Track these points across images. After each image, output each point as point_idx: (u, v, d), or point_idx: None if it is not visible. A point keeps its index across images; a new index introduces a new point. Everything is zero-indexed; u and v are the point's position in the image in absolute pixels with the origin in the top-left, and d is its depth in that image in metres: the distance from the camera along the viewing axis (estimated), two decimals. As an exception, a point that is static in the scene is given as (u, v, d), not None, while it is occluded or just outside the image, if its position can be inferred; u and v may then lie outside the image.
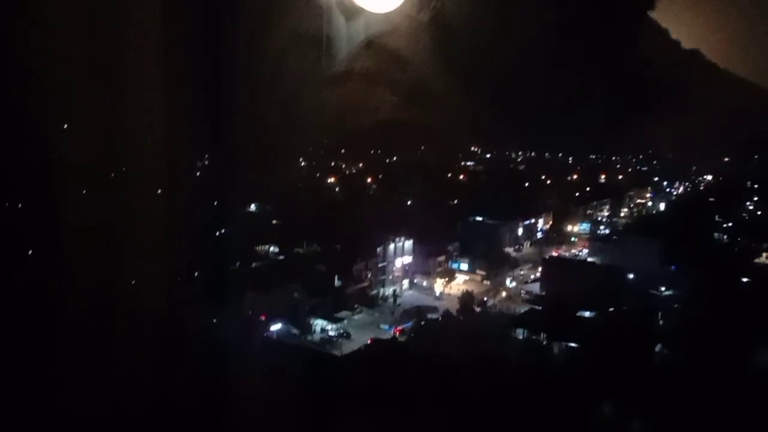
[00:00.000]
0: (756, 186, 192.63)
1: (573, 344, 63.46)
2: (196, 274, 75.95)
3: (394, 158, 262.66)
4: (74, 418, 35.40)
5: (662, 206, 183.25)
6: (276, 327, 70.62)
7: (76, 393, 38.00)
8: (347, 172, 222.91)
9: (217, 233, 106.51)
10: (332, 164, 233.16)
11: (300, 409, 36.87)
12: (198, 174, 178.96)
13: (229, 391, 39.43)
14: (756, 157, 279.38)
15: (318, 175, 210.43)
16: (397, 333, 72.17)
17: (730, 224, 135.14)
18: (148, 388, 38.10)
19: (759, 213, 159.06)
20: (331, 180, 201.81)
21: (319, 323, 73.94)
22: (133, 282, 61.38)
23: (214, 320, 61.09)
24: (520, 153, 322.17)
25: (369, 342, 66.83)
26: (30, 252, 73.64)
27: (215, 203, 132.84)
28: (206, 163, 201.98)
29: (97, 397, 37.25)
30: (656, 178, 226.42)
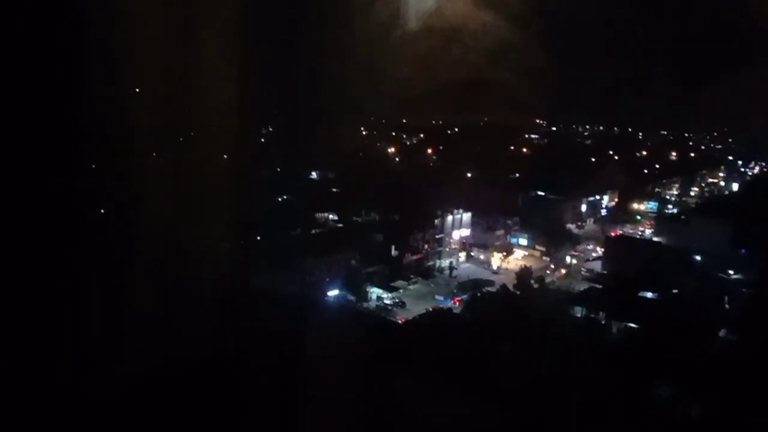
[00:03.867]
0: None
1: (633, 324, 62.10)
2: (258, 237, 78.01)
3: (456, 129, 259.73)
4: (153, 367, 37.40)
5: (735, 187, 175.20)
6: (333, 293, 72.03)
7: (153, 342, 40.05)
8: (408, 142, 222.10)
9: (280, 199, 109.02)
10: (393, 134, 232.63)
11: (360, 371, 37.71)
12: (263, 141, 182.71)
13: (291, 349, 40.65)
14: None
15: (379, 144, 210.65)
16: (457, 303, 72.30)
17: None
18: (214, 345, 39.74)
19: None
20: (392, 150, 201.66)
21: (375, 291, 74.93)
22: (198, 242, 63.62)
23: (274, 282, 62.74)
24: (587, 127, 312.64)
25: (426, 311, 67.44)
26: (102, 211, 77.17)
27: (278, 170, 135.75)
28: (270, 130, 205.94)
29: (166, 356, 39.12)
30: (731, 157, 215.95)
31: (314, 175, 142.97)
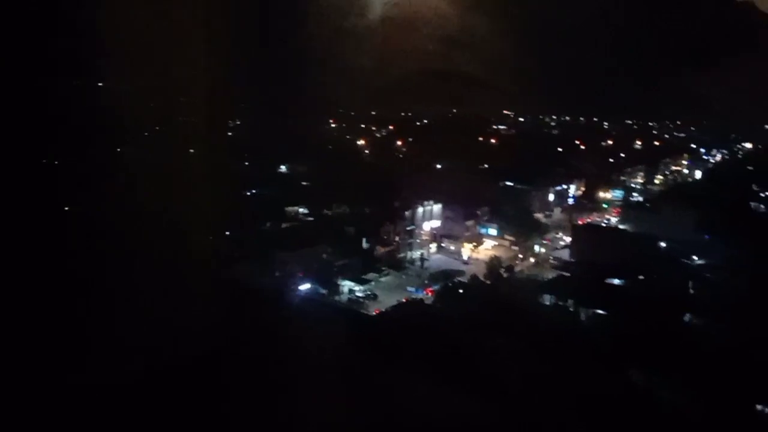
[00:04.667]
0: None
1: (601, 312, 63.16)
2: (227, 232, 77.18)
3: (425, 121, 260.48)
4: (121, 364, 36.91)
5: (698, 174, 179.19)
6: (304, 287, 71.67)
7: (123, 339, 39.56)
8: (377, 134, 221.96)
9: (249, 193, 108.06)
10: (363, 126, 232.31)
11: (330, 364, 37.64)
12: (231, 134, 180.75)
13: (258, 345, 40.40)
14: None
15: (348, 137, 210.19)
16: (429, 293, 72.64)
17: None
18: (182, 339, 39.26)
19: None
20: (362, 142, 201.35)
21: (346, 284, 74.79)
22: (165, 237, 62.81)
23: (244, 277, 62.23)
24: (553, 117, 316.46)
25: (398, 303, 67.57)
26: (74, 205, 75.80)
27: (247, 163, 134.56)
28: (239, 123, 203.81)
29: (136, 345, 38.66)
30: (693, 145, 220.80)
31: (284, 168, 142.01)
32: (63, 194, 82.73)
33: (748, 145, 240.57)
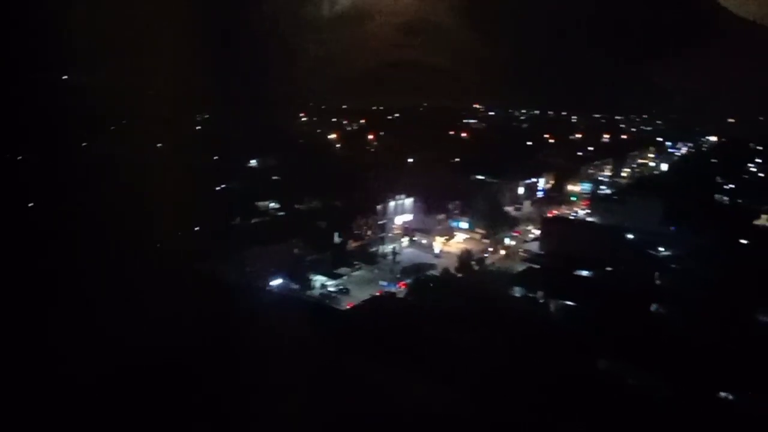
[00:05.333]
0: (759, 147, 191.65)
1: (570, 302, 64.03)
2: (197, 228, 76.15)
3: (396, 115, 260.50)
4: (90, 360, 36.24)
5: (664, 167, 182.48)
6: (276, 282, 71.17)
7: (92, 336, 38.90)
8: (348, 128, 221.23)
9: (218, 188, 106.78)
10: (333, 120, 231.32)
11: (301, 359, 37.48)
12: (199, 128, 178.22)
13: (230, 341, 40.01)
14: (761, 118, 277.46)
15: (319, 131, 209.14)
16: (402, 287, 72.78)
17: (732, 186, 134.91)
18: (147, 338, 38.68)
19: (761, 175, 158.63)
20: (333, 136, 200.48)
21: (318, 279, 74.49)
22: (133, 232, 61.81)
23: (214, 273, 61.50)
24: (523, 111, 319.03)
25: (370, 297, 67.53)
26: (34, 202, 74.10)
27: (216, 158, 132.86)
28: (206, 117, 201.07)
29: (105, 342, 38.04)
30: (660, 139, 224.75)
31: (254, 162, 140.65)
32: (26, 191, 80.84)
33: (713, 138, 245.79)
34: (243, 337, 40.53)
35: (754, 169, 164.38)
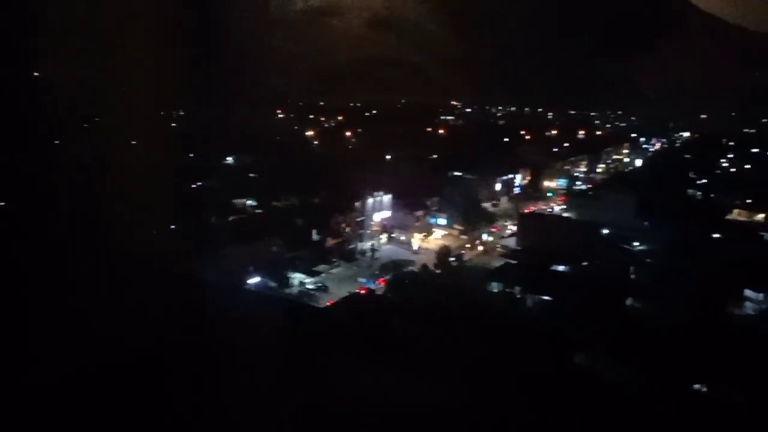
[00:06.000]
0: (731, 143, 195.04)
1: (546, 297, 64.63)
2: (172, 226, 75.28)
3: (374, 112, 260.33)
4: (64, 360, 35.75)
5: (639, 162, 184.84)
6: (254, 280, 70.71)
7: (65, 336, 38.36)
8: (326, 124, 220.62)
9: (194, 186, 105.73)
10: (311, 117, 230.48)
11: (279, 357, 37.31)
12: (175, 126, 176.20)
13: (208, 340, 39.68)
14: (733, 114, 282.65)
15: (296, 128, 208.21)
16: (381, 283, 72.81)
17: (705, 181, 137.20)
18: (123, 338, 38.24)
19: (733, 170, 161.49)
20: (310, 133, 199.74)
21: (297, 276, 74.17)
22: (108, 231, 60.96)
23: (191, 272, 60.90)
24: (500, 108, 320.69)
25: (349, 294, 67.47)
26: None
27: (192, 155, 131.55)
28: (182, 113, 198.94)
29: (79, 342, 37.55)
30: (634, 135, 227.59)
31: (230, 160, 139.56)
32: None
33: (686, 134, 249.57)
34: (220, 336, 40.21)
35: (726, 165, 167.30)
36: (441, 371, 38.78)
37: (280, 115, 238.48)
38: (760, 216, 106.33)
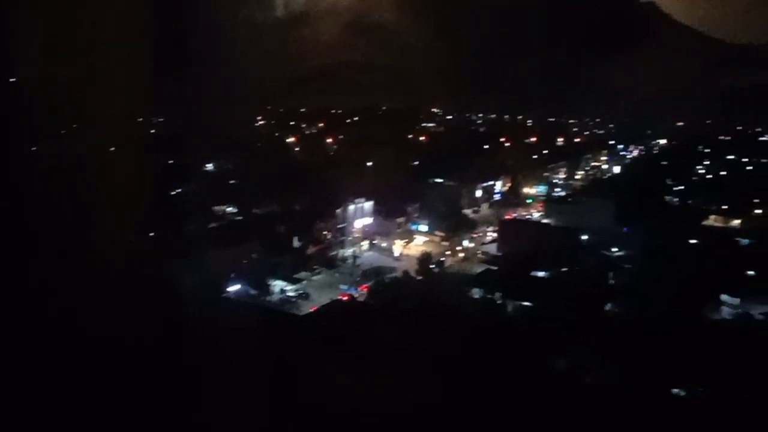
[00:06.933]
0: (707, 150, 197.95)
1: (527, 303, 65.03)
2: (151, 233, 74.51)
3: (355, 118, 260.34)
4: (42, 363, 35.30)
5: (617, 169, 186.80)
6: (234, 288, 70.21)
7: (36, 343, 37.82)
8: (307, 131, 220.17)
9: (173, 192, 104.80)
10: (292, 123, 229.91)
11: (257, 366, 37.07)
12: (153, 131, 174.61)
13: (186, 348, 39.29)
14: (708, 121, 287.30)
15: (277, 134, 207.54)
16: (364, 290, 72.76)
17: (681, 187, 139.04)
18: (97, 347, 37.76)
19: (709, 177, 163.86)
20: (291, 140, 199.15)
21: (278, 284, 73.81)
22: (86, 238, 60.16)
23: (170, 279, 60.28)
24: (480, 115, 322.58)
25: (330, 301, 67.33)
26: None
27: (171, 161, 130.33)
28: (161, 120, 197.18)
29: (52, 349, 37.04)
30: (612, 142, 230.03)
31: (210, 166, 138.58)
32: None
33: (663, 141, 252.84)
34: (197, 345, 39.87)
35: (702, 171, 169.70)
36: (424, 376, 38.82)
37: (260, 121, 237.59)
38: (736, 222, 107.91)
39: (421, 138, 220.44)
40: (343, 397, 35.20)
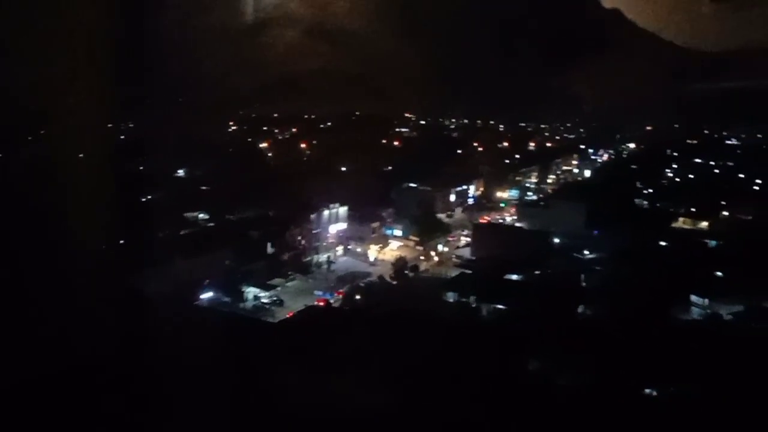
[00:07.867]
0: (675, 154, 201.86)
1: (501, 306, 65.39)
2: (121, 241, 73.19)
3: (328, 123, 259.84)
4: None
5: (587, 173, 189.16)
6: (206, 295, 69.27)
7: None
8: (280, 137, 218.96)
9: (144, 198, 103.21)
10: (264, 128, 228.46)
11: (229, 375, 36.53)
12: (122, 137, 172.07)
13: (157, 358, 38.56)
14: (676, 126, 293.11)
15: (250, 139, 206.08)
16: (340, 295, 72.48)
17: (651, 190, 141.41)
18: (64, 358, 36.91)
19: (677, 180, 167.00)
20: (264, 145, 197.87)
21: (251, 291, 72.99)
22: (54, 246, 58.86)
23: (140, 288, 59.24)
24: (453, 120, 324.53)
25: (305, 307, 66.80)
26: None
27: (141, 168, 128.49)
28: (131, 125, 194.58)
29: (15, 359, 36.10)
30: (582, 146, 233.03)
31: (181, 172, 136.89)
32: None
33: (632, 145, 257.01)
34: (170, 355, 39.14)
35: (671, 175, 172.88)
36: (400, 381, 38.69)
37: (233, 127, 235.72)
38: (704, 224, 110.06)
39: (395, 143, 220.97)
40: (319, 403, 34.85)
